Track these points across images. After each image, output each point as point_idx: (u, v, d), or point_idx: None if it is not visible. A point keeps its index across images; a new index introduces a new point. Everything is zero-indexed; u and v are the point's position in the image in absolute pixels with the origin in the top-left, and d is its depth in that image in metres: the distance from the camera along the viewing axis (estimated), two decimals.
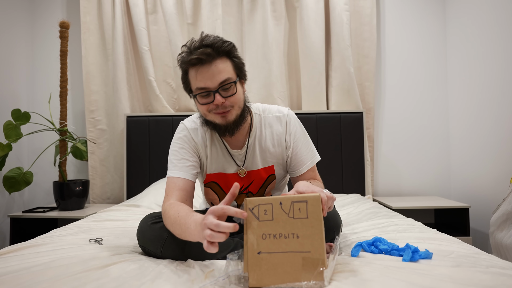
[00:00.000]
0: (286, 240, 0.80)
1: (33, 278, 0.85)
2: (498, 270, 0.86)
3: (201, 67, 1.03)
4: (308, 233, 0.80)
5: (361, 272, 0.86)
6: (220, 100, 1.04)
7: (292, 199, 0.82)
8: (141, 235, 1.11)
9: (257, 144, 1.22)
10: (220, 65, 1.04)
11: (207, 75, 1.03)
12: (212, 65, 1.03)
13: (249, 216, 0.83)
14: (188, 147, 1.20)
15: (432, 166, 2.69)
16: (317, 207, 0.81)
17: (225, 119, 1.09)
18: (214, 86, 1.04)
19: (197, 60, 1.02)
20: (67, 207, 2.33)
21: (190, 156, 1.18)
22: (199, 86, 1.04)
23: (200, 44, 1.03)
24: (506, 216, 1.74)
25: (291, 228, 0.81)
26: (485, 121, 2.28)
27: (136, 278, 0.87)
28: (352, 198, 2.20)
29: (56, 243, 1.20)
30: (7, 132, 2.27)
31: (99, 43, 2.65)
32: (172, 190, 1.12)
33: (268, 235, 0.81)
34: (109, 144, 2.65)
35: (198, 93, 1.06)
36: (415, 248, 0.98)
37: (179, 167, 1.16)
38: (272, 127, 1.23)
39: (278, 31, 2.58)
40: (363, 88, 2.62)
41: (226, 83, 1.05)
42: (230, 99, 1.07)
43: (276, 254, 0.80)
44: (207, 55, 1.02)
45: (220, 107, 1.06)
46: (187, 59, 1.04)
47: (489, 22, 2.22)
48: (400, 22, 2.72)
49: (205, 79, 1.03)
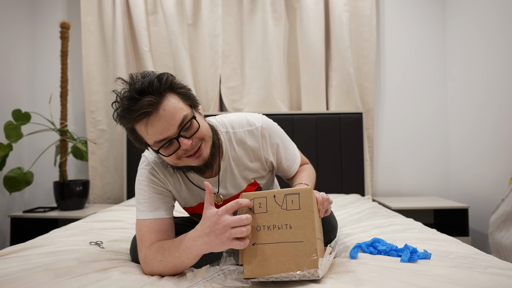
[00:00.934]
0: (279, 231, 0.83)
1: (34, 280, 0.86)
2: (496, 270, 0.87)
3: (149, 119, 0.86)
4: (300, 224, 0.82)
5: (360, 273, 0.86)
6: (187, 143, 0.90)
7: (285, 192, 0.85)
8: (134, 254, 1.06)
9: (233, 165, 1.08)
10: (169, 105, 0.88)
11: (160, 126, 0.87)
12: (160, 111, 0.86)
13: (244, 210, 0.86)
14: (156, 181, 1.03)
15: (432, 166, 2.69)
16: (308, 199, 0.84)
17: (201, 158, 0.95)
18: (174, 132, 0.89)
19: (141, 115, 0.86)
20: (67, 207, 2.34)
21: (160, 192, 1.03)
22: (157, 139, 0.88)
23: (135, 93, 0.86)
24: (505, 217, 1.74)
25: (284, 219, 0.83)
26: (484, 122, 2.28)
27: (136, 281, 0.87)
28: (352, 198, 2.20)
29: (56, 244, 1.21)
30: (7, 132, 2.28)
31: (99, 43, 2.66)
32: (145, 235, 0.96)
33: (262, 226, 0.84)
34: (110, 144, 2.65)
35: (159, 146, 0.90)
36: (414, 248, 0.98)
37: (149, 208, 0.99)
38: (245, 143, 1.07)
39: (278, 32, 2.59)
40: (362, 88, 2.63)
41: (184, 123, 0.90)
42: (196, 135, 0.92)
43: (270, 245, 0.82)
44: (149, 104, 0.85)
45: (190, 150, 0.92)
46: (129, 117, 0.87)
47: (489, 22, 2.23)
48: (399, 22, 2.73)
49: (160, 131, 0.87)
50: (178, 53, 2.56)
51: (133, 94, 0.86)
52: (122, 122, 0.90)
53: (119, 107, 0.88)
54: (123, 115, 0.88)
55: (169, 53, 2.63)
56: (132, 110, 0.85)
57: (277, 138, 1.11)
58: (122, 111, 0.88)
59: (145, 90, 0.86)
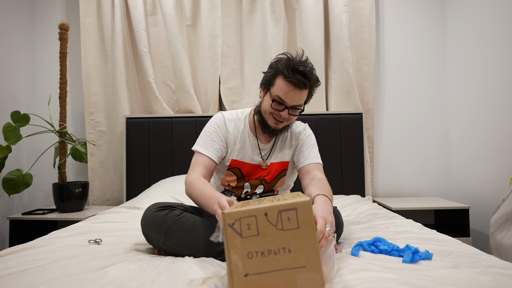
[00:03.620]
0: (276, 256, 0.70)
1: (32, 280, 0.85)
2: (498, 270, 0.86)
3: (294, 89, 1.21)
4: (301, 246, 0.69)
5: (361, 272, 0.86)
6: (286, 116, 1.26)
7: (278, 208, 0.71)
8: (145, 222, 1.15)
9: (279, 143, 1.42)
10: (303, 94, 1.24)
11: (292, 96, 1.22)
12: (300, 92, 1.22)
13: (230, 233, 0.71)
14: (220, 132, 1.35)
15: (432, 166, 2.69)
16: (308, 214, 0.70)
17: (277, 126, 1.30)
18: (290, 105, 1.24)
19: (295, 82, 1.19)
20: (66, 209, 2.33)
21: (219, 141, 1.33)
22: (282, 97, 1.22)
23: (304, 69, 1.19)
24: (506, 217, 1.74)
25: (281, 241, 0.70)
26: (484, 122, 2.28)
27: (135, 280, 0.87)
28: (352, 199, 2.20)
29: (55, 244, 1.20)
30: (6, 134, 2.27)
31: (98, 45, 2.65)
32: (198, 164, 1.27)
33: (254, 253, 0.70)
34: (109, 146, 2.64)
35: (276, 99, 1.23)
36: (415, 249, 0.98)
37: (208, 147, 1.31)
38: (292, 132, 1.44)
39: (278, 33, 2.59)
40: (362, 89, 2.62)
41: (297, 108, 1.26)
42: (291, 117, 1.29)
43: (266, 274, 0.70)
44: (304, 84, 1.20)
45: (280, 118, 1.27)
46: (289, 74, 1.19)
47: (488, 23, 2.23)
48: (399, 23, 2.73)
49: (289, 98, 1.22)
50: (178, 54, 2.56)
51: (303, 70, 1.19)
52: (279, 67, 1.22)
53: (289, 63, 1.21)
54: (286, 67, 1.20)
55: (168, 54, 2.63)
56: (295, 74, 1.19)
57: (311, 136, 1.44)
58: (288, 66, 1.20)
59: (310, 76, 1.21)
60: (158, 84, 2.64)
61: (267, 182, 1.41)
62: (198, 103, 2.63)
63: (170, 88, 2.66)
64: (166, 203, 1.18)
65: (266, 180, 1.40)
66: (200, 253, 1.09)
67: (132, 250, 1.17)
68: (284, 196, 0.83)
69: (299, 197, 0.74)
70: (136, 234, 1.36)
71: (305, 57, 1.25)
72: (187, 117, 2.54)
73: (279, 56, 1.27)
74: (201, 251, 1.09)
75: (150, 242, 1.16)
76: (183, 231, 1.10)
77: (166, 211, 1.14)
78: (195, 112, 2.61)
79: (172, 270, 0.95)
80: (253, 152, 1.38)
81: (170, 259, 1.06)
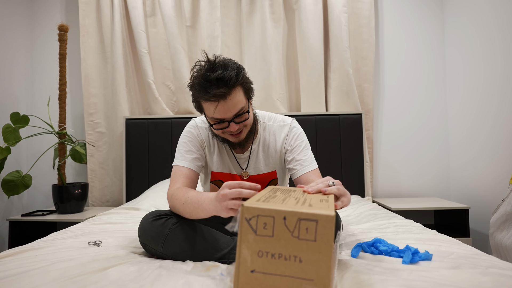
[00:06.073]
0: (286, 262, 0.68)
1: (32, 282, 0.85)
2: (498, 270, 0.86)
3: (218, 103, 1.08)
4: (314, 259, 0.67)
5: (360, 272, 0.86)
6: (235, 127, 1.14)
7: (299, 215, 0.68)
8: (142, 232, 1.13)
9: (260, 150, 1.31)
10: (234, 98, 1.09)
11: (222, 110, 1.09)
12: (227, 100, 1.08)
13: (245, 228, 0.70)
14: (195, 141, 1.28)
15: (432, 167, 2.69)
16: (329, 230, 0.67)
17: (238, 139, 1.20)
18: (229, 117, 1.12)
19: (213, 99, 1.07)
20: (66, 210, 2.33)
21: (196, 150, 1.27)
22: (215, 117, 1.12)
23: (214, 79, 1.05)
24: (506, 217, 1.74)
25: (294, 249, 0.68)
26: (484, 122, 2.28)
27: (135, 281, 0.86)
28: (352, 199, 2.19)
29: (55, 246, 1.20)
30: (6, 136, 2.27)
31: (98, 46, 2.65)
32: (178, 177, 1.20)
33: (265, 253, 0.69)
34: (108, 147, 2.64)
35: (214, 122, 1.15)
36: (415, 249, 0.98)
37: (186, 158, 1.24)
38: (275, 135, 1.32)
39: (277, 33, 2.59)
40: (362, 89, 2.62)
41: (240, 113, 1.13)
42: (244, 123, 1.17)
43: (272, 276, 0.69)
44: (222, 94, 1.06)
45: (234, 132, 1.16)
46: (202, 95, 1.08)
47: (488, 23, 2.23)
48: (398, 23, 2.73)
49: (221, 113, 1.10)
50: (177, 55, 2.56)
51: (212, 78, 1.05)
52: (194, 93, 1.12)
53: (197, 82, 1.08)
54: (198, 89, 1.08)
55: (167, 55, 2.63)
56: (207, 92, 1.06)
57: (301, 136, 1.31)
58: (198, 87, 1.08)
59: (223, 79, 1.05)
60: (157, 85, 2.64)
61: None
62: None
63: (169, 89, 2.66)
64: (162, 212, 1.17)
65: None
66: (199, 261, 1.07)
67: (132, 252, 1.17)
68: (313, 199, 0.80)
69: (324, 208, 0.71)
70: (136, 236, 1.36)
71: (212, 56, 1.10)
72: (186, 118, 2.54)
73: (192, 80, 1.12)
74: (200, 259, 1.07)
75: (148, 251, 1.14)
76: (181, 240, 1.08)
77: (163, 220, 1.12)
78: (195, 113, 2.61)
79: (172, 271, 0.94)
80: (231, 160, 1.31)
81: (170, 261, 1.06)
